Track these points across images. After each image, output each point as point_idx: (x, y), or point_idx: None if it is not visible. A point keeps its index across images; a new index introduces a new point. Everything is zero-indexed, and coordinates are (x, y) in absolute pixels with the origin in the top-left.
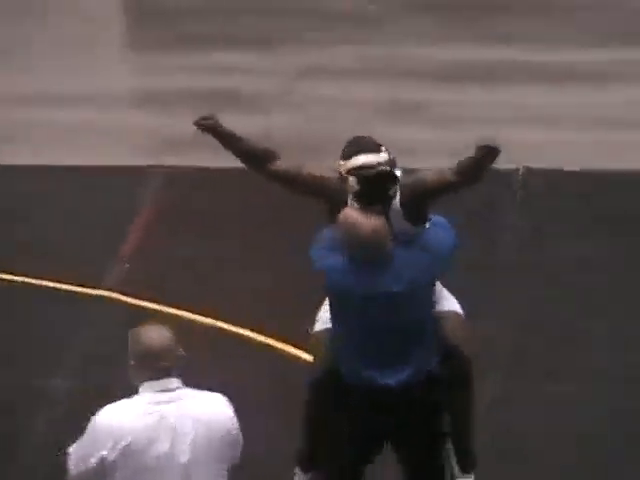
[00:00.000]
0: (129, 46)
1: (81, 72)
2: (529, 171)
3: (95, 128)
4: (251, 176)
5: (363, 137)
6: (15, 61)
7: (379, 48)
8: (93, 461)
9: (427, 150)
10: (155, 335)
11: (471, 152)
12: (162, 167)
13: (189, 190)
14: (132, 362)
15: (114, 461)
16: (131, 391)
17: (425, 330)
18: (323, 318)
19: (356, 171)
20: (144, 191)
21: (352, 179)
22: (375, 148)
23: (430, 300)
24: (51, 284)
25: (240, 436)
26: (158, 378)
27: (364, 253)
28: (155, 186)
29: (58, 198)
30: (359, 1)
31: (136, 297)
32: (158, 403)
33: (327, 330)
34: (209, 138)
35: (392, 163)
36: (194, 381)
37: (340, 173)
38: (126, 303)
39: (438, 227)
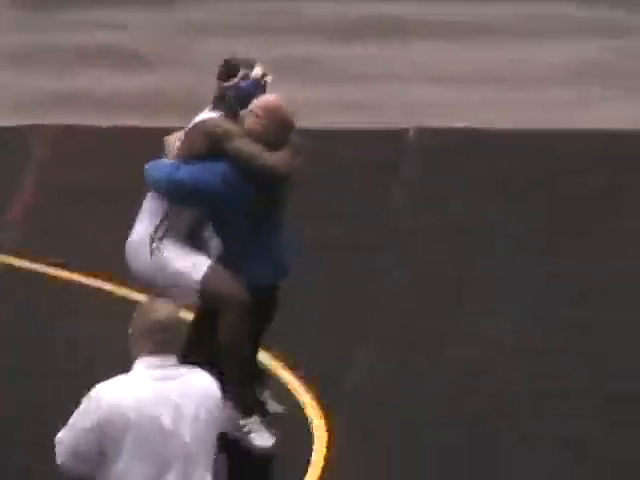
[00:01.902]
0: (11, 4)
1: None
2: (420, 130)
3: None
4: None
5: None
6: None
7: (265, 3)
8: (91, 441)
9: (319, 107)
10: (163, 309)
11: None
12: (43, 126)
13: (69, 148)
14: (134, 333)
15: (116, 440)
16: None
17: None
18: (197, 262)
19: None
20: (26, 150)
21: (270, 78)
22: None
23: None
24: None
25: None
26: (157, 353)
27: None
28: (37, 145)
29: None
30: None
31: (29, 260)
32: (159, 379)
33: (215, 263)
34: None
35: None
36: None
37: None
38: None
39: None
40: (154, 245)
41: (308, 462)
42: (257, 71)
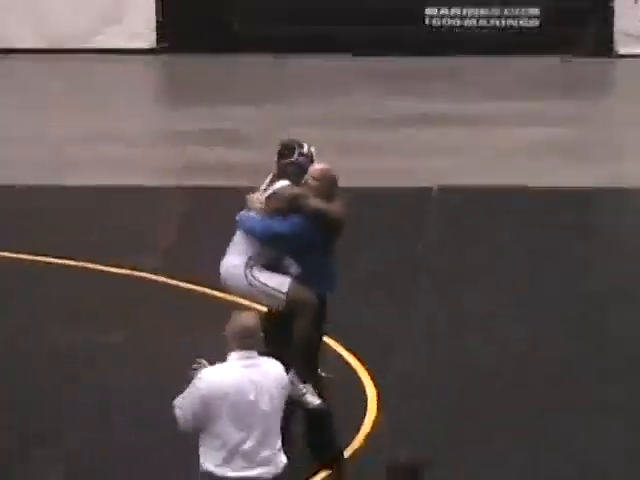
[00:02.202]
0: (162, 102)
1: (125, 119)
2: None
3: (132, 159)
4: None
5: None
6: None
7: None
8: (198, 408)
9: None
10: (250, 318)
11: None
12: (180, 187)
13: (204, 202)
14: (229, 335)
15: (215, 409)
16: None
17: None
18: (283, 281)
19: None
20: (169, 204)
21: (314, 149)
22: None
23: None
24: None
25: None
26: (244, 349)
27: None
28: (177, 200)
29: (117, 208)
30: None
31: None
32: (246, 367)
33: (294, 280)
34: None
35: None
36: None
37: (310, 155)
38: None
39: None
40: (247, 271)
41: (362, 420)
42: (306, 147)
